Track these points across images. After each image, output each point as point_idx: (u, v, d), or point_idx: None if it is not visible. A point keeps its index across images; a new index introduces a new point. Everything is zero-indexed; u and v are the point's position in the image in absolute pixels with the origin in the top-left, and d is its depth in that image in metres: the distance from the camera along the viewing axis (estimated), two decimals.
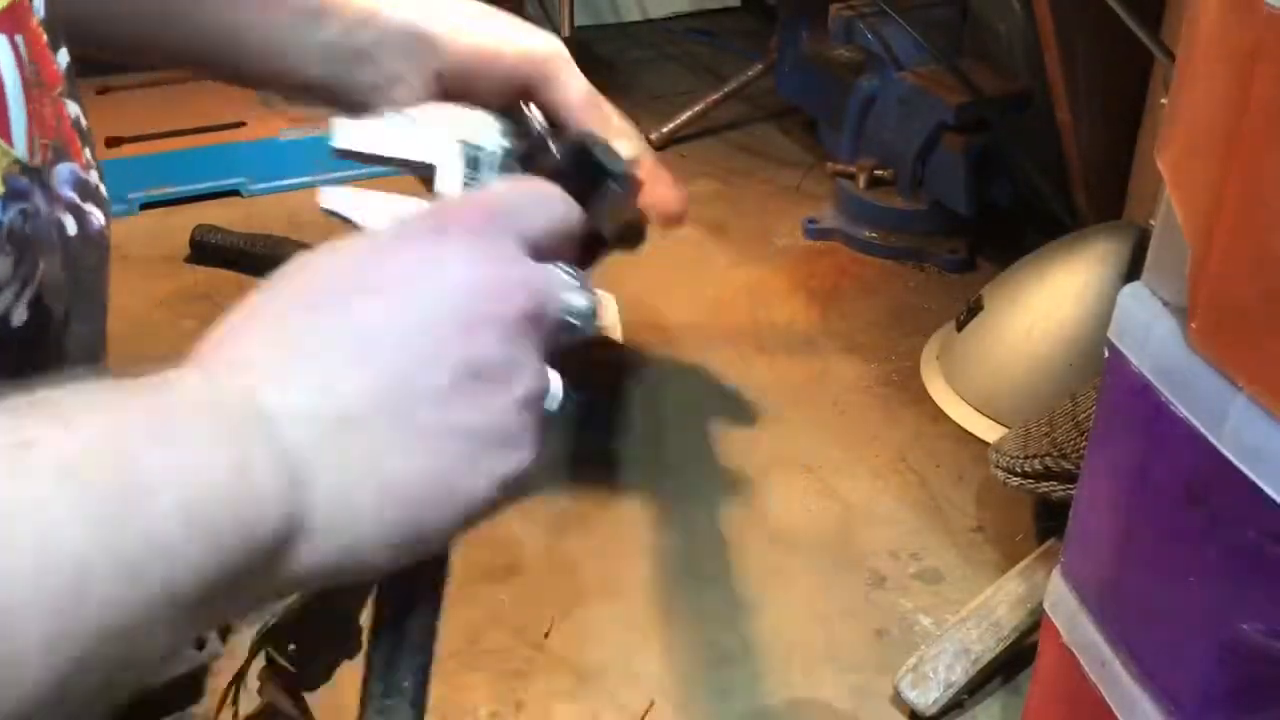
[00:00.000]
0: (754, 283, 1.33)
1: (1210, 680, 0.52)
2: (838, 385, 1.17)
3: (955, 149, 1.30)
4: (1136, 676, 0.56)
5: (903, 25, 1.32)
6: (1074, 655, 0.62)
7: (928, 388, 1.15)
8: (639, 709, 0.83)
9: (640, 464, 1.06)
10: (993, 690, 0.85)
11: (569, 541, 0.97)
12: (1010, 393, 1.09)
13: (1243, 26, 0.45)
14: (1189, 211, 0.49)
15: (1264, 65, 0.43)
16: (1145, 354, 0.53)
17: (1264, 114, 0.44)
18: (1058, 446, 0.87)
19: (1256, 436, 0.46)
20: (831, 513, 1.01)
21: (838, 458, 1.07)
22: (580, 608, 0.91)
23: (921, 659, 0.83)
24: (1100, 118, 1.20)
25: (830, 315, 1.28)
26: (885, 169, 1.40)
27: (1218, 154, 0.46)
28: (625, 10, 2.05)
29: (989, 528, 0.99)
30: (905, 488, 1.04)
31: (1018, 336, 1.09)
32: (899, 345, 1.22)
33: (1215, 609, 0.51)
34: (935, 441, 1.09)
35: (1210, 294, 0.48)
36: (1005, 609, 0.86)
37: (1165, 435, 0.52)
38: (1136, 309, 0.54)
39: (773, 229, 1.44)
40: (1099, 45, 1.15)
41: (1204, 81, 0.48)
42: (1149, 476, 0.54)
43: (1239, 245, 0.46)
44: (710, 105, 1.65)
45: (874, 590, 0.93)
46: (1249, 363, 0.46)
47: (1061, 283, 1.09)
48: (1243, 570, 0.49)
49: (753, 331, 1.25)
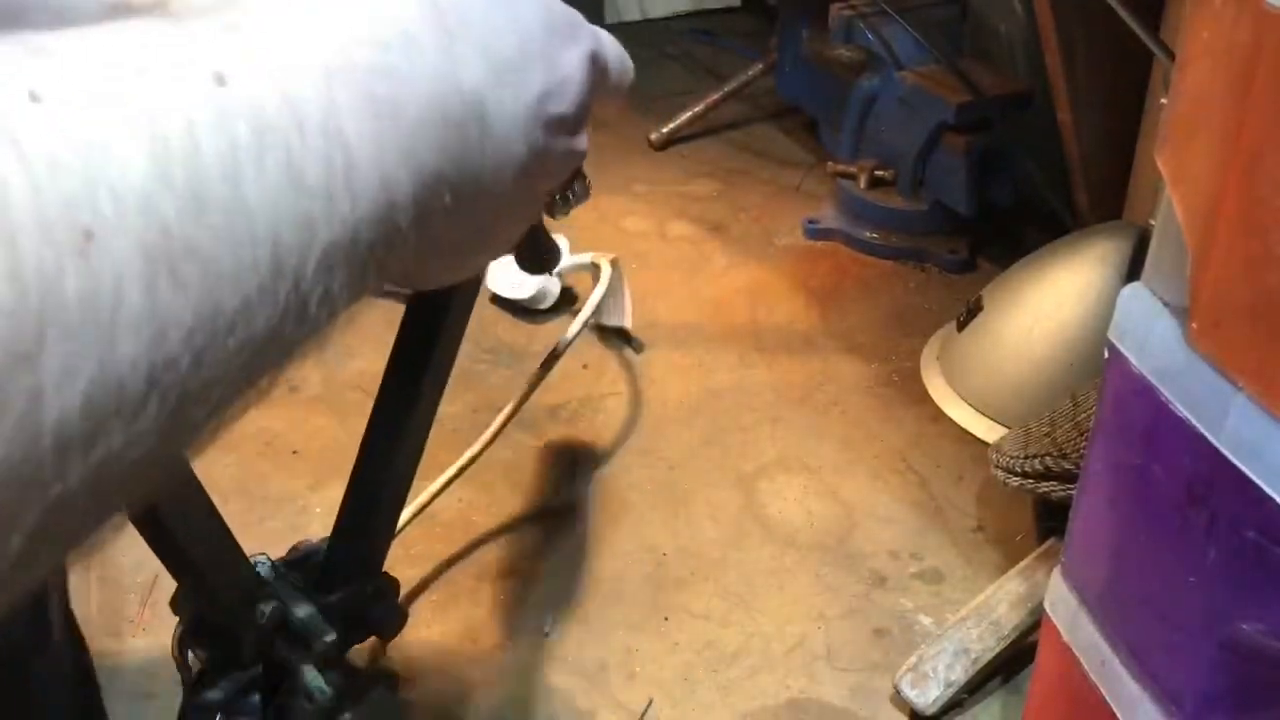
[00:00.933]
0: (754, 283, 1.33)
1: (1210, 680, 0.52)
2: (838, 385, 1.17)
3: (956, 149, 1.30)
4: (1136, 676, 0.56)
5: (903, 25, 1.32)
6: (1074, 655, 0.62)
7: (928, 388, 1.15)
8: (638, 708, 0.83)
9: (641, 463, 1.06)
10: (993, 690, 0.85)
11: (568, 541, 0.97)
12: (1010, 393, 1.09)
13: (1243, 25, 0.45)
14: (1189, 211, 0.49)
15: (1264, 64, 0.43)
16: (1145, 354, 0.53)
17: (1264, 113, 0.44)
18: (1058, 447, 0.87)
19: (1256, 436, 0.46)
20: (832, 513, 1.01)
21: (838, 458, 1.07)
22: (580, 607, 0.91)
23: (921, 658, 0.83)
24: (1100, 117, 1.20)
25: (830, 315, 1.28)
26: (886, 169, 1.40)
27: (1218, 153, 0.46)
28: (625, 10, 2.05)
29: (989, 528, 0.99)
30: (905, 488, 1.04)
31: (1018, 337, 1.09)
32: (899, 345, 1.22)
33: (1215, 609, 0.51)
34: (935, 442, 1.09)
35: (1210, 294, 0.48)
36: (1005, 608, 0.86)
37: (1165, 435, 0.52)
38: (1136, 309, 0.54)
39: (773, 229, 1.44)
40: (1099, 45, 1.15)
41: (1204, 81, 0.48)
42: (1149, 476, 0.54)
43: (1239, 245, 0.46)
44: (710, 105, 1.65)
45: (874, 590, 0.93)
46: (1249, 363, 0.46)
47: (1062, 283, 1.09)
48: (1242, 570, 0.49)
49: (753, 331, 1.25)
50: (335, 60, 0.29)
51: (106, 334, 0.22)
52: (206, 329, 0.24)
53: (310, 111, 0.27)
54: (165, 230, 0.23)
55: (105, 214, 0.22)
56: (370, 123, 0.29)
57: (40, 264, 0.21)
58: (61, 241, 0.21)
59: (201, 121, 0.25)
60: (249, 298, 0.25)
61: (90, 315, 0.22)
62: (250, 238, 0.25)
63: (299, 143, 0.27)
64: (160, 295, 0.23)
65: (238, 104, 0.26)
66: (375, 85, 0.29)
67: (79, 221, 0.22)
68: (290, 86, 0.27)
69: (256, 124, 0.26)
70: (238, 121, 0.26)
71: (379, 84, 0.30)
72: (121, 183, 0.23)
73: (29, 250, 0.21)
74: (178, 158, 0.24)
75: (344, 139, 0.28)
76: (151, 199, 0.23)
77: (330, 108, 0.28)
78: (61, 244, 0.21)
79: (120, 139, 0.23)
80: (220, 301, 0.25)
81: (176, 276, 0.23)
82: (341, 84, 0.29)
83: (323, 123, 0.28)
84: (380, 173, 0.29)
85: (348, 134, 0.28)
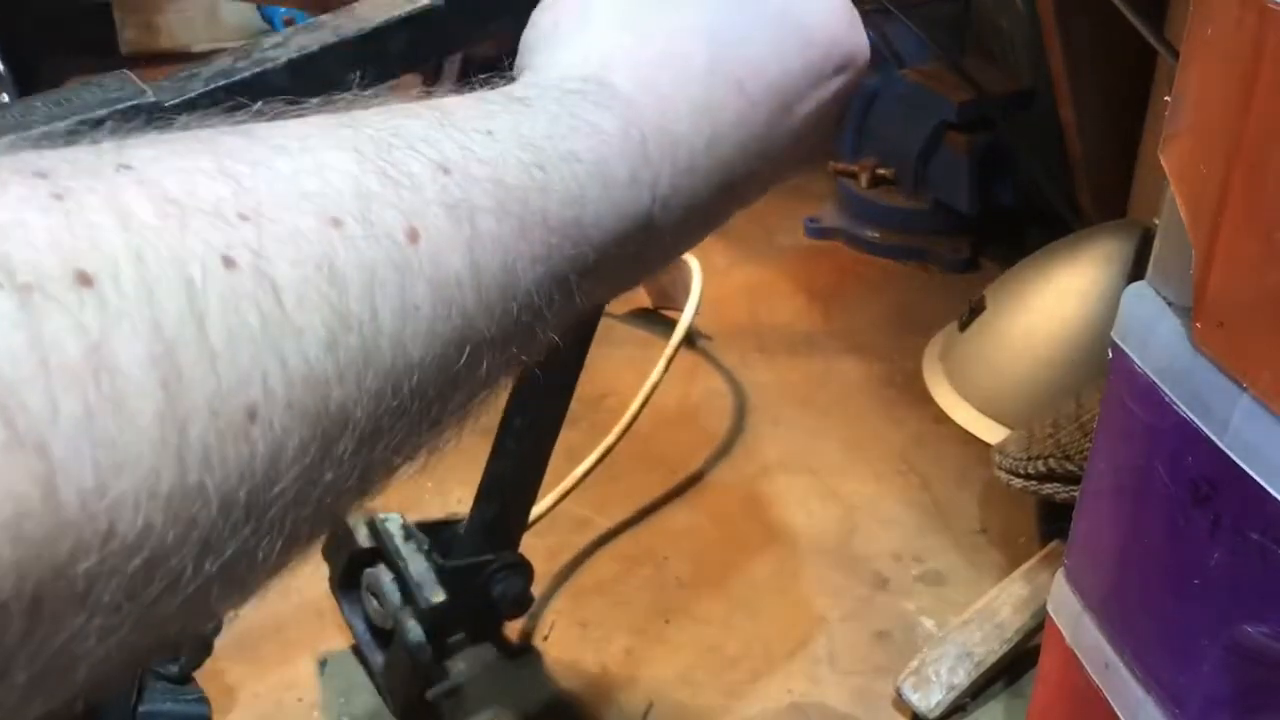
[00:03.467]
0: (754, 283, 1.33)
1: (1214, 682, 0.52)
2: (839, 386, 1.16)
3: (958, 148, 1.30)
4: (1140, 679, 0.56)
5: (905, 23, 1.31)
6: (1077, 657, 0.62)
7: (930, 389, 1.15)
8: (638, 711, 0.82)
9: (641, 465, 1.05)
10: (995, 693, 0.84)
11: (568, 542, 0.97)
12: (1013, 394, 1.08)
13: (1246, 23, 0.44)
14: (1193, 210, 0.49)
15: (1268, 62, 0.43)
16: (1149, 354, 0.53)
17: (1268, 111, 0.43)
18: (1061, 448, 0.87)
19: (1261, 437, 0.46)
20: (833, 514, 1.00)
21: (839, 459, 1.06)
22: (581, 608, 0.91)
23: (924, 661, 0.83)
24: (1103, 116, 1.20)
25: (832, 315, 1.27)
26: (887, 168, 1.40)
27: (1222, 152, 0.46)
28: None
29: (992, 530, 0.98)
30: (907, 489, 1.03)
31: (1021, 337, 1.09)
32: (901, 346, 1.22)
33: (1219, 611, 0.50)
34: (938, 443, 1.08)
35: (1215, 294, 0.47)
36: (1008, 611, 0.85)
37: (1169, 436, 0.51)
38: (1140, 309, 0.54)
39: (773, 228, 1.43)
40: (1102, 42, 1.14)
41: (1207, 79, 0.48)
42: (1153, 478, 0.53)
43: (1243, 244, 0.45)
44: None
45: (876, 592, 0.92)
46: (1254, 363, 0.46)
47: (1065, 282, 1.08)
48: (1247, 572, 0.48)
49: (753, 331, 1.24)
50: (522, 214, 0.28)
51: (258, 503, 0.22)
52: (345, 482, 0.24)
53: (491, 266, 0.27)
54: (325, 406, 0.23)
55: (274, 392, 0.21)
56: (547, 274, 0.29)
57: (203, 448, 0.20)
58: (225, 424, 0.21)
59: (386, 284, 0.24)
60: (392, 448, 0.25)
61: (242, 496, 0.21)
62: (405, 400, 0.25)
63: (475, 302, 0.26)
64: (313, 471, 0.23)
65: (424, 262, 0.25)
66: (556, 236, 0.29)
67: (242, 402, 0.21)
68: (478, 237, 0.26)
69: (438, 285, 0.25)
70: (419, 284, 0.25)
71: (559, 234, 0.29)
72: (296, 361, 0.22)
73: (194, 436, 0.20)
74: (352, 335, 0.23)
75: (517, 293, 0.28)
76: (320, 378, 0.22)
77: (509, 258, 0.27)
78: (224, 427, 0.21)
79: (300, 314, 0.22)
80: (367, 462, 0.24)
81: (328, 450, 0.23)
82: (526, 231, 0.28)
83: (502, 279, 0.27)
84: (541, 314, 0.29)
85: (521, 287, 0.28)
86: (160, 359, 0.19)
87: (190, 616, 0.22)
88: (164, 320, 0.20)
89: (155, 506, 0.19)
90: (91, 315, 0.19)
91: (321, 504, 0.23)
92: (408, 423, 0.25)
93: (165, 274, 0.20)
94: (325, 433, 0.23)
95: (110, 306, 0.19)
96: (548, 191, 0.29)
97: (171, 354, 0.20)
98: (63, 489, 0.18)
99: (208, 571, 0.21)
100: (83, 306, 0.19)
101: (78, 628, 0.19)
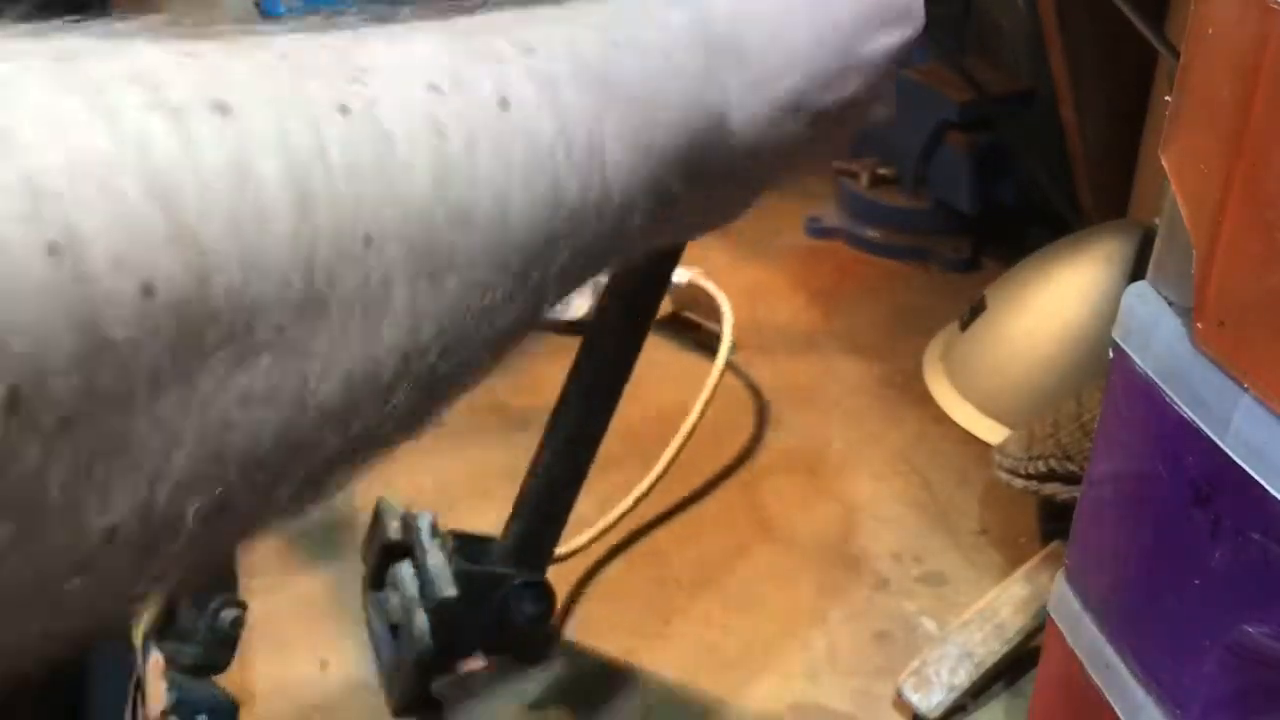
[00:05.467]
0: (754, 282, 1.33)
1: (1215, 683, 0.51)
2: (839, 386, 1.16)
3: (959, 147, 1.30)
4: (1140, 679, 0.56)
5: None
6: (1078, 658, 0.62)
7: (930, 388, 1.15)
8: (638, 709, 0.82)
9: (640, 465, 1.05)
10: (996, 693, 0.84)
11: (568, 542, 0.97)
12: (1014, 394, 1.08)
13: (1247, 22, 0.44)
14: (1194, 210, 0.48)
15: (1269, 61, 0.43)
16: (1150, 354, 0.53)
17: (1269, 111, 0.43)
18: (1062, 448, 0.87)
19: (1262, 437, 0.46)
20: (833, 514, 1.00)
21: (839, 459, 1.06)
22: (581, 608, 0.91)
23: (924, 662, 0.83)
24: (1104, 115, 1.19)
25: (832, 315, 1.27)
26: (888, 167, 1.39)
27: (1223, 151, 0.46)
28: None
29: (992, 530, 0.98)
30: (908, 489, 1.03)
31: (1022, 336, 1.09)
32: (901, 345, 1.22)
33: (1220, 611, 0.50)
34: (938, 443, 1.08)
35: (1216, 293, 0.47)
36: (1009, 612, 0.85)
37: (1170, 436, 0.51)
38: (1141, 309, 0.54)
39: (774, 228, 1.43)
40: (1103, 42, 1.14)
41: (1208, 78, 0.48)
42: (1153, 478, 0.53)
43: (1245, 244, 0.45)
44: None
45: (876, 593, 0.92)
46: (1255, 363, 0.46)
47: (1066, 282, 1.08)
48: (1248, 572, 0.48)
49: (753, 331, 1.24)
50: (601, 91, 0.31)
51: (371, 328, 0.24)
52: (456, 328, 0.27)
53: (579, 135, 0.30)
54: (432, 241, 0.25)
55: (386, 222, 0.24)
56: (627, 154, 0.31)
57: (328, 265, 0.23)
58: (345, 246, 0.23)
59: (484, 140, 0.27)
60: (495, 301, 0.28)
61: (358, 310, 0.24)
62: (504, 252, 0.27)
63: (566, 167, 0.29)
64: (420, 299, 0.25)
65: (517, 127, 0.28)
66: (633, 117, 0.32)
67: (360, 228, 0.24)
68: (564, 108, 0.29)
69: (531, 147, 0.28)
70: (515, 143, 0.28)
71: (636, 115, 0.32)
72: (407, 196, 0.25)
73: (321, 253, 0.23)
74: (457, 177, 0.26)
75: (603, 165, 0.30)
76: (427, 214, 0.25)
77: (595, 131, 0.30)
78: (345, 248, 0.23)
79: (410, 155, 0.25)
80: (470, 304, 0.27)
81: (436, 282, 0.26)
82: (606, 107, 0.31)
83: (588, 146, 0.30)
84: (626, 197, 0.31)
85: (607, 160, 0.30)
86: (293, 182, 0.22)
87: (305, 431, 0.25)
88: (295, 147, 0.23)
89: (286, 310, 0.22)
90: (232, 135, 0.22)
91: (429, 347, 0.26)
92: (508, 278, 0.28)
93: (293, 112, 0.23)
94: (433, 273, 0.25)
95: (247, 130, 0.22)
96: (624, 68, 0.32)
97: (302, 179, 0.22)
98: (214, 281, 0.21)
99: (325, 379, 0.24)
100: (225, 127, 0.22)
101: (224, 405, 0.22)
